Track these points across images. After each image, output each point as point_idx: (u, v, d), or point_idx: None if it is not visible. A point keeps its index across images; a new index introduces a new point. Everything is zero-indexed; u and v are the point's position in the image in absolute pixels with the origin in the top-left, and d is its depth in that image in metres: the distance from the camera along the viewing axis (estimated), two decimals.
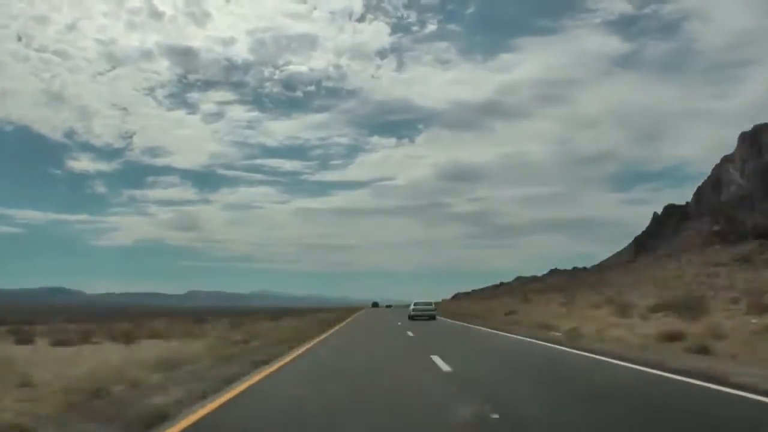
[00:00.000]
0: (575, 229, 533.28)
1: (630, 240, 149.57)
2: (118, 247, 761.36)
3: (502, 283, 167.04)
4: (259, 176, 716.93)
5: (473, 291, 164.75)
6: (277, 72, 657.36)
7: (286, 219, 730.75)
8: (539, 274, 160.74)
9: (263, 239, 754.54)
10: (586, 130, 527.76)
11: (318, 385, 8.66)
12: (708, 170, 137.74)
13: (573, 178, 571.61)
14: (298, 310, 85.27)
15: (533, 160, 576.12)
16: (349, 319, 43.22)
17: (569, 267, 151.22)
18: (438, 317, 39.86)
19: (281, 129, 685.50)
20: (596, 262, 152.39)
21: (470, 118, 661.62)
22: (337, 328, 29.20)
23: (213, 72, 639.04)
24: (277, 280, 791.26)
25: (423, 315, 38.97)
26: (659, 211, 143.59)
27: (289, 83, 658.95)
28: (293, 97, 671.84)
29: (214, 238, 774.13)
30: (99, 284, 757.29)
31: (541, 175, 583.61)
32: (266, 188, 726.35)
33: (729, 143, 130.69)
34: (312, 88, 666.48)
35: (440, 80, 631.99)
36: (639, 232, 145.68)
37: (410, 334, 22.41)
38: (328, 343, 18.28)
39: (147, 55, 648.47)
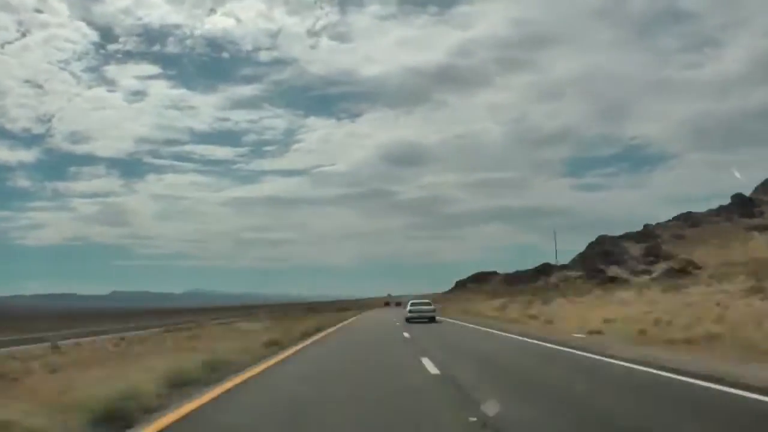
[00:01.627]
0: (527, 219, 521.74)
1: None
2: (39, 246, 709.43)
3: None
4: (189, 165, 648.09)
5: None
6: (199, 27, 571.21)
7: (219, 211, 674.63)
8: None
9: (195, 234, 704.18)
10: (547, 103, 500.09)
11: None
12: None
13: (528, 161, 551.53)
14: (234, 309, 69.94)
15: (486, 140, 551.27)
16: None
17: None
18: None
19: (209, 108, 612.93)
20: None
21: (420, 89, 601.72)
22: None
23: (132, 40, 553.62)
24: (211, 278, 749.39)
25: (422, 317, 34.30)
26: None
27: (214, 43, 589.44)
28: (219, 59, 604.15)
29: (142, 234, 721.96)
30: (15, 286, 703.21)
31: (494, 158, 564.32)
32: (197, 177, 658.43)
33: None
34: (242, 49, 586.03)
35: (387, 42, 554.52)
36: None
37: None
38: None
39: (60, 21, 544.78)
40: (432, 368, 10.72)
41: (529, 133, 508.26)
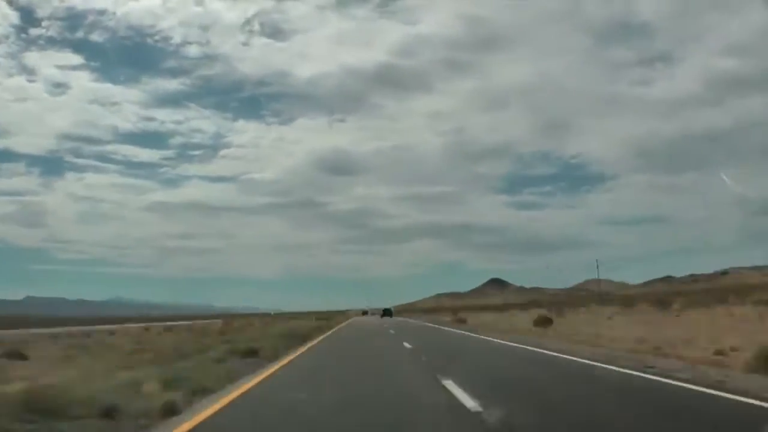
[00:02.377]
0: (458, 235, 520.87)
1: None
2: None
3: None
4: (111, 166, 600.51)
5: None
6: (124, 13, 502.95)
7: (142, 216, 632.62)
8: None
9: (117, 240, 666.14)
10: (490, 113, 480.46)
11: None
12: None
13: (463, 176, 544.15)
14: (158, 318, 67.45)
15: (423, 152, 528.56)
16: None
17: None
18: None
19: (133, 106, 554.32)
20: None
21: (357, 92, 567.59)
22: None
23: (56, 25, 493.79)
24: (133, 287, 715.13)
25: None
26: None
27: (140, 32, 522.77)
28: (144, 49, 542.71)
29: (62, 237, 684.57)
30: None
31: (430, 171, 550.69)
32: (119, 179, 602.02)
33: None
34: (168, 40, 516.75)
35: (325, 35, 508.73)
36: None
37: None
38: None
39: None
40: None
41: (467, 146, 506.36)
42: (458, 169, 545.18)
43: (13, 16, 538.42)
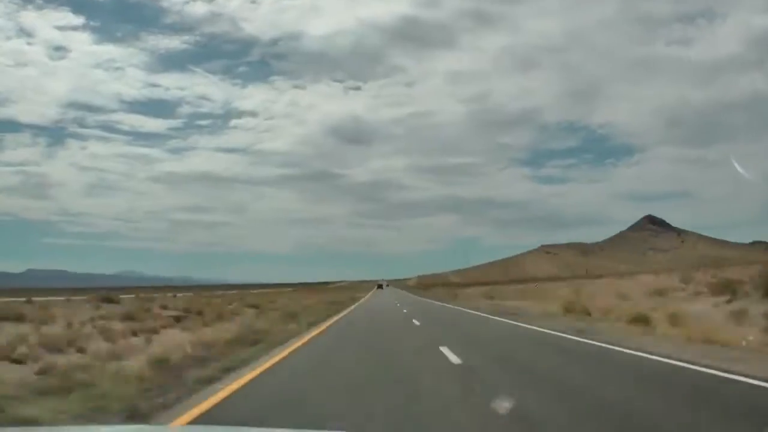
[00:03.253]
0: (477, 210, 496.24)
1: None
2: None
3: None
4: (118, 136, 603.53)
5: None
6: None
7: (152, 189, 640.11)
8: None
9: (126, 214, 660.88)
10: (517, 75, 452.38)
11: None
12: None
13: (485, 146, 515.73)
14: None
15: (443, 121, 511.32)
16: None
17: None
18: None
19: (137, 71, 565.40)
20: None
21: (375, 52, 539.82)
22: None
23: None
24: (145, 260, 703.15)
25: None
26: None
27: None
28: (148, 7, 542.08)
29: (69, 210, 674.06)
30: None
31: (449, 141, 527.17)
32: (127, 149, 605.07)
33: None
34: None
35: None
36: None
37: None
38: None
39: None
40: None
41: (490, 113, 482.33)
42: (479, 138, 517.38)
43: None
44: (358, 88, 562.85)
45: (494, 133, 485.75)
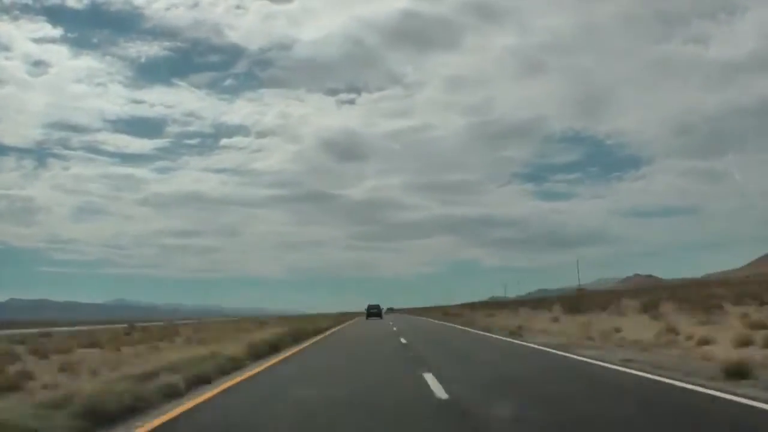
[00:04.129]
0: (475, 229, 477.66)
1: None
2: None
3: None
4: (103, 158, 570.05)
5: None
6: None
7: (140, 213, 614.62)
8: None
9: (115, 239, 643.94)
10: (523, 79, 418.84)
11: None
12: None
13: (485, 161, 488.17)
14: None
15: (441, 135, 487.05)
16: None
17: None
18: None
19: (119, 87, 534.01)
20: None
21: (370, 56, 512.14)
22: None
23: None
24: (137, 288, 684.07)
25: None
26: None
27: None
28: (128, 17, 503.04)
29: (56, 237, 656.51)
30: None
31: (448, 156, 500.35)
32: (113, 170, 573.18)
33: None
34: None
35: None
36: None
37: None
38: None
39: None
40: None
41: (492, 125, 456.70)
42: (479, 152, 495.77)
43: None
44: (352, 102, 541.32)
45: (494, 147, 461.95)
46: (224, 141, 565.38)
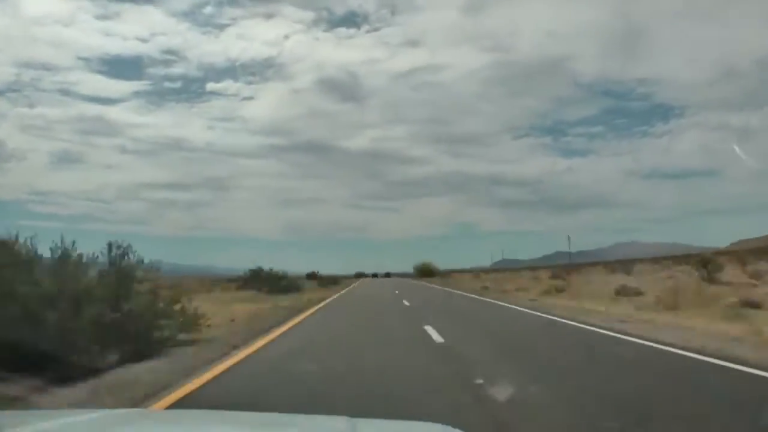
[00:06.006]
0: (483, 188, 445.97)
1: None
2: None
3: None
4: (79, 100, 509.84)
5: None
6: None
7: (125, 162, 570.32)
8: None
9: (98, 191, 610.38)
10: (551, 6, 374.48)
11: None
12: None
13: (501, 109, 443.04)
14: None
15: (454, 77, 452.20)
16: None
17: None
18: None
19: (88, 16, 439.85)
20: None
21: None
22: None
23: None
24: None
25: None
26: None
27: None
28: None
29: (36, 188, 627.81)
30: None
31: (461, 101, 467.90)
32: (89, 113, 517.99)
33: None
34: None
35: None
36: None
37: None
38: None
39: None
40: None
41: (511, 66, 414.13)
42: (495, 99, 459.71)
43: None
44: (351, 37, 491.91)
45: (512, 93, 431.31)
46: (211, 85, 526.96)
